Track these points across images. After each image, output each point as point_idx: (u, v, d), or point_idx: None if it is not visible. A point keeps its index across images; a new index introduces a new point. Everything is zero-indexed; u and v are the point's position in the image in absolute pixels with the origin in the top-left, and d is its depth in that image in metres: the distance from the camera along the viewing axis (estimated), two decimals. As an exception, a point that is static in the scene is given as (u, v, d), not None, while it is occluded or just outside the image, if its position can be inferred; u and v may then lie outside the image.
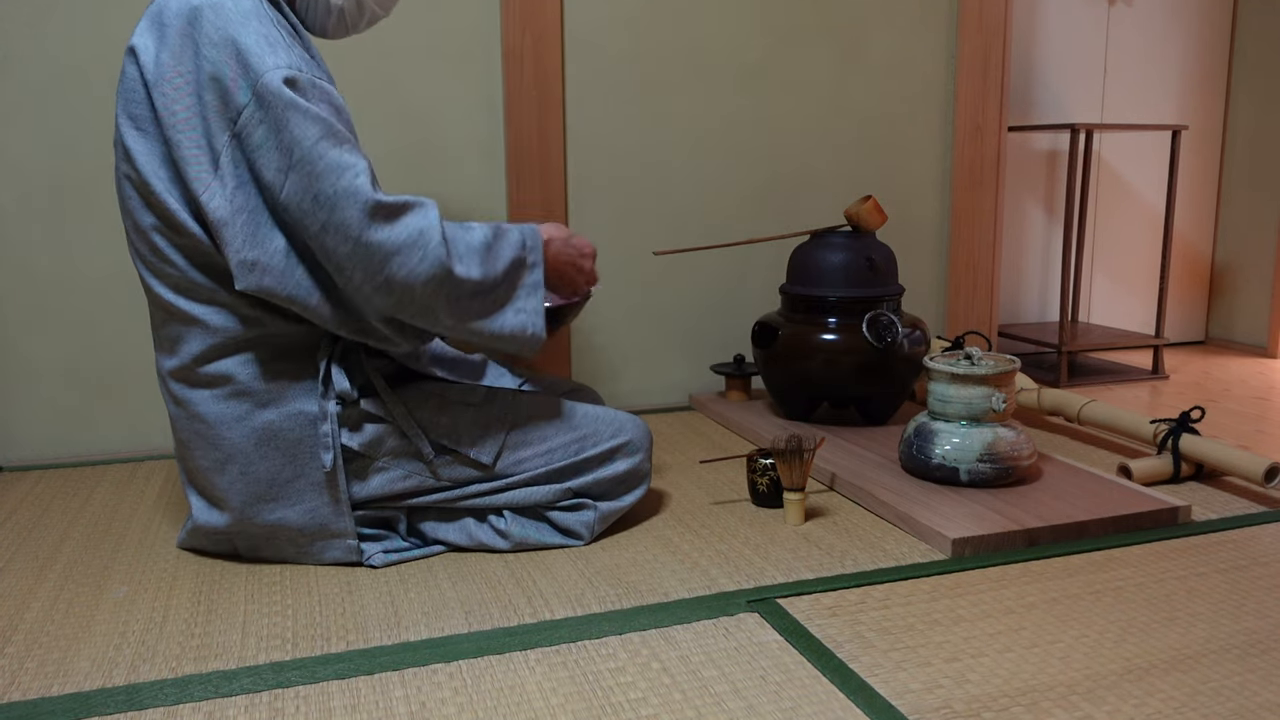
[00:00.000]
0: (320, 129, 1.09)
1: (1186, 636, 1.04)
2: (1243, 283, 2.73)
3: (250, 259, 1.11)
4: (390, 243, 1.10)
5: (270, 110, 1.08)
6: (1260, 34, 2.64)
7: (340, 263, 1.10)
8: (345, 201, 1.08)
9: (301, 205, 1.09)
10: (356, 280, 1.11)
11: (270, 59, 1.09)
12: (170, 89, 1.11)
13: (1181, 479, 1.58)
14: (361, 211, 1.09)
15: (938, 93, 2.21)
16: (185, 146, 1.11)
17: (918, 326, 1.75)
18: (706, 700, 0.92)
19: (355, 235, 1.09)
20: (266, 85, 1.08)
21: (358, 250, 1.09)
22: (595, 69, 1.95)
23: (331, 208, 1.08)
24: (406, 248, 1.11)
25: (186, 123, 1.11)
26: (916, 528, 1.32)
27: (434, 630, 1.06)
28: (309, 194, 1.09)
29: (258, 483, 1.19)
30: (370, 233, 1.09)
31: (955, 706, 0.91)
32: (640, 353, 2.06)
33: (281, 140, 1.09)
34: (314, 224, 1.09)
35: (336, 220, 1.09)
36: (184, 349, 1.19)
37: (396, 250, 1.10)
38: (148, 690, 0.94)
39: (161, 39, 1.12)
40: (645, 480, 1.35)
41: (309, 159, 1.08)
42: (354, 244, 1.09)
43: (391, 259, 1.10)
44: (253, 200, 1.11)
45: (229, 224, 1.10)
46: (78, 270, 1.71)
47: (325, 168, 1.09)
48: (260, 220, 1.11)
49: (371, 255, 1.10)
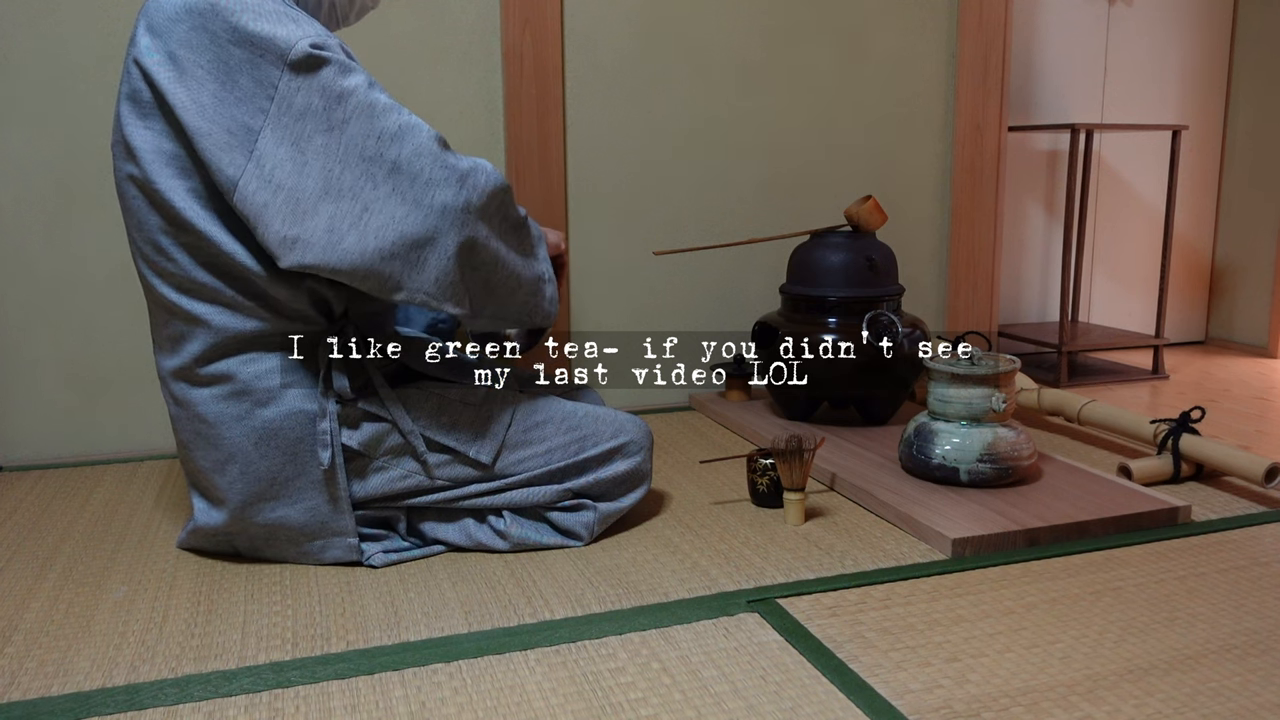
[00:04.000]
0: (365, 77, 1.14)
1: (1186, 636, 1.04)
2: (1243, 283, 2.73)
3: (291, 235, 1.11)
4: (463, 165, 1.17)
5: (310, 77, 1.11)
6: (1260, 34, 2.64)
7: (419, 193, 1.13)
8: (415, 131, 1.14)
9: (366, 151, 1.12)
10: (445, 197, 1.14)
11: (296, 30, 1.12)
12: (193, 81, 1.11)
13: (1181, 479, 1.58)
14: (430, 137, 1.15)
15: (938, 93, 2.21)
16: (215, 135, 1.11)
17: (918, 326, 1.75)
18: (706, 700, 0.92)
19: (433, 159, 1.14)
20: (300, 54, 1.11)
21: (438, 172, 1.14)
22: (595, 68, 1.95)
23: (402, 140, 1.13)
24: (475, 169, 1.17)
25: (215, 109, 1.11)
26: (917, 528, 1.32)
27: (434, 630, 1.06)
28: (373, 135, 1.12)
29: (258, 481, 1.19)
30: (445, 156, 1.15)
31: (955, 706, 0.91)
32: (640, 353, 2.06)
33: (329, 98, 1.11)
34: (382, 166, 1.12)
35: (410, 150, 1.13)
36: (186, 349, 1.19)
37: (470, 170, 1.17)
38: (148, 690, 0.94)
39: (169, 37, 1.12)
40: (645, 481, 1.35)
41: (365, 103, 1.13)
42: (433, 168, 1.14)
43: (468, 177, 1.16)
44: (292, 178, 1.11)
45: (269, 205, 1.10)
46: (78, 270, 1.71)
47: (385, 106, 1.14)
48: (300, 196, 1.11)
49: (450, 175, 1.15)
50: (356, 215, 1.12)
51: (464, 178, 1.15)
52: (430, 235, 1.14)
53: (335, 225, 1.11)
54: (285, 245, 1.11)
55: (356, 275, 1.13)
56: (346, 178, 1.11)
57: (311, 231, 1.11)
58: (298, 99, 1.11)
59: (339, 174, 1.11)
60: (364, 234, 1.12)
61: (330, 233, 1.11)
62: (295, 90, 1.10)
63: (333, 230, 1.11)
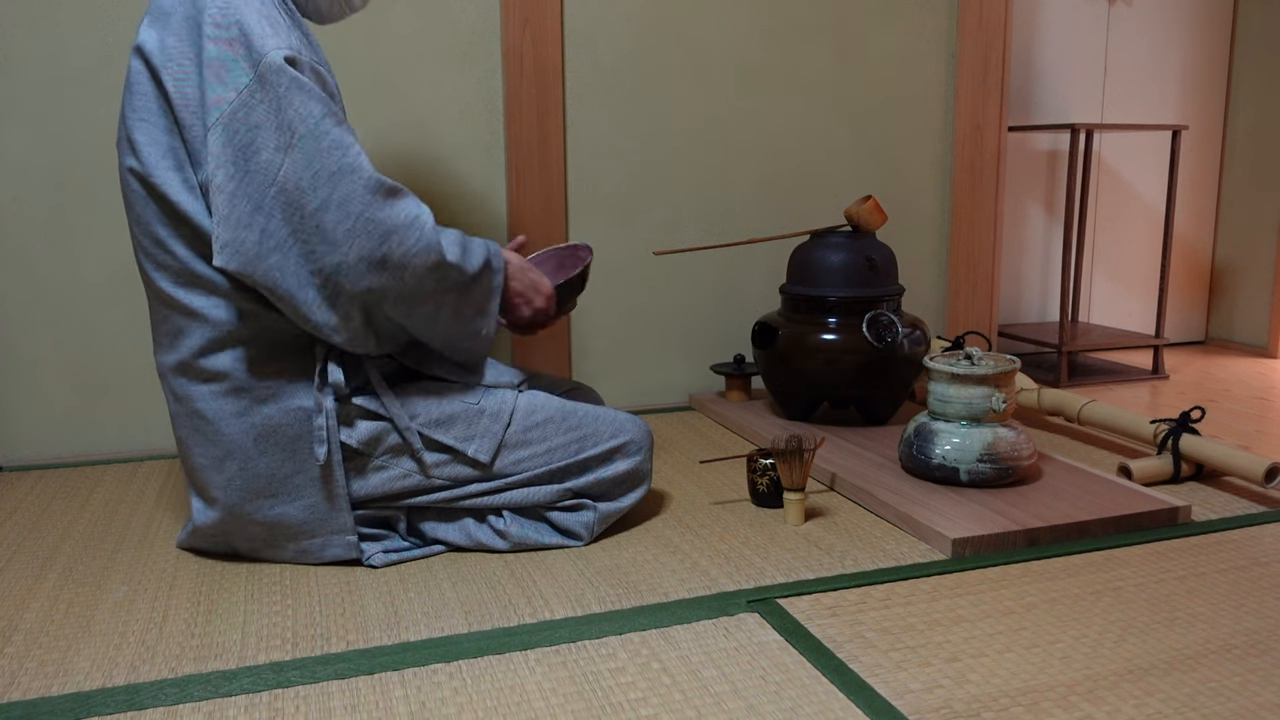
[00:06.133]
0: (323, 107, 1.12)
1: (1186, 636, 1.04)
2: (1243, 283, 2.73)
3: (224, 239, 1.11)
4: (390, 220, 1.12)
5: (272, 89, 1.10)
6: (1260, 34, 2.64)
7: (337, 239, 1.11)
8: (349, 177, 1.11)
9: (300, 183, 1.10)
10: (352, 257, 1.12)
11: (272, 39, 1.11)
12: (180, 72, 1.13)
13: (1181, 479, 1.58)
14: (365, 188, 1.11)
15: (938, 93, 2.21)
16: (196, 129, 1.13)
17: (918, 326, 1.75)
18: (706, 700, 0.92)
19: (358, 210, 1.11)
20: (270, 64, 1.10)
21: (359, 225, 1.11)
22: (595, 68, 1.95)
23: (334, 184, 1.10)
24: (404, 227, 1.13)
25: (197, 103, 1.13)
26: (917, 528, 1.32)
27: (434, 630, 1.06)
28: (309, 170, 1.10)
29: (257, 479, 1.19)
30: (372, 209, 1.12)
31: (955, 706, 0.91)
32: (640, 353, 2.06)
33: (283, 118, 1.10)
34: (313, 201, 1.10)
35: (339, 195, 1.10)
36: (184, 343, 1.19)
37: (395, 229, 1.13)
38: (148, 690, 0.94)
39: (165, 26, 1.15)
40: (645, 481, 1.35)
41: (313, 135, 1.10)
42: (355, 219, 1.11)
43: (390, 236, 1.12)
44: (232, 183, 1.11)
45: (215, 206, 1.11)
46: (78, 270, 1.71)
47: (329, 144, 1.11)
48: (238, 204, 1.11)
49: (372, 231, 1.12)
50: (282, 238, 1.12)
51: (386, 235, 1.12)
52: (341, 283, 1.13)
53: (264, 241, 1.12)
54: (218, 245, 1.11)
55: (274, 295, 1.14)
56: (280, 201, 1.11)
57: (244, 240, 1.11)
58: (257, 109, 1.10)
59: (274, 195, 1.11)
60: (285, 258, 1.12)
61: (259, 246, 1.12)
62: (256, 100, 1.10)
63: (261, 245, 1.12)
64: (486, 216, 1.92)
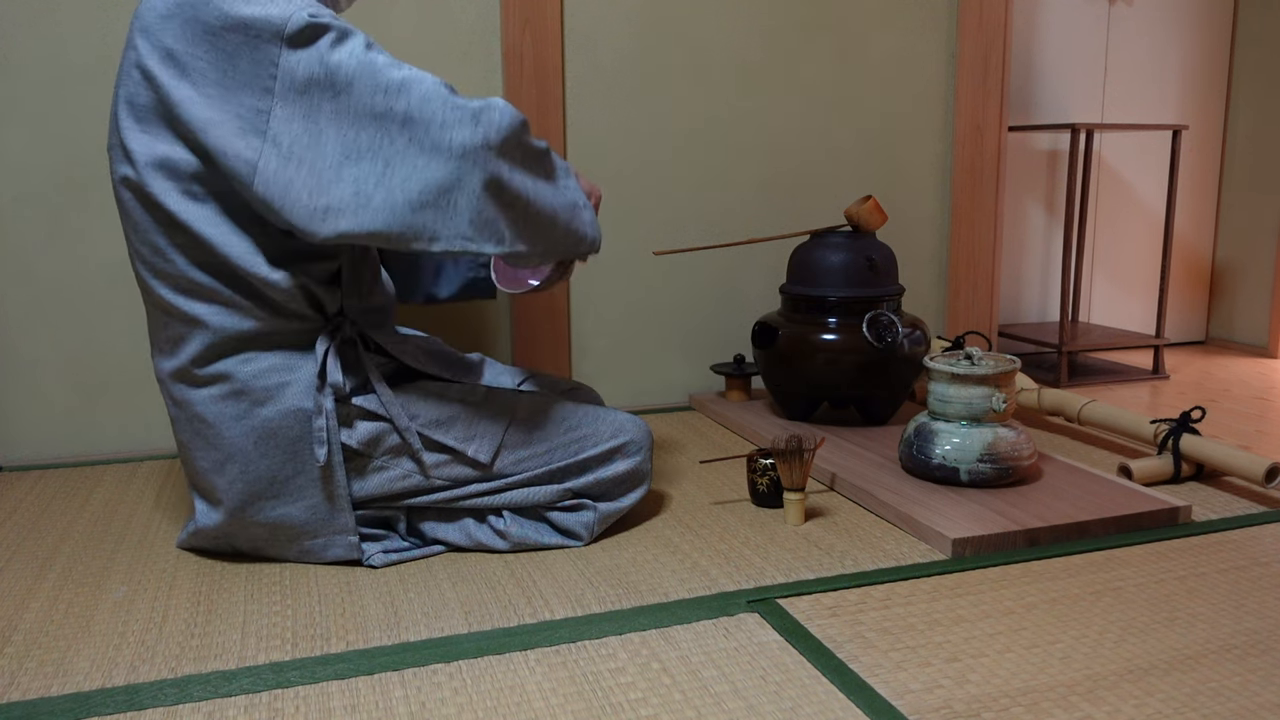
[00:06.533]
0: (363, 39, 1.14)
1: (1186, 636, 1.04)
2: (1243, 283, 2.73)
3: (321, 205, 1.11)
4: (474, 104, 1.15)
5: (308, 48, 1.11)
6: (1260, 34, 2.64)
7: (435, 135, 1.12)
8: (420, 81, 1.13)
9: (375, 108, 1.11)
10: (456, 145, 1.12)
11: (288, 6, 1.11)
12: (196, 74, 1.12)
13: (1182, 479, 1.58)
14: (435, 84, 1.14)
15: (938, 93, 2.21)
16: (226, 124, 1.11)
17: (918, 326, 1.75)
18: (706, 700, 0.92)
19: (442, 103, 1.13)
20: (295, 25, 1.10)
21: (450, 114, 1.13)
22: (595, 68, 1.95)
23: (408, 91, 1.12)
24: (487, 106, 1.15)
25: (222, 99, 1.11)
26: (917, 528, 1.32)
27: (434, 630, 1.06)
28: (379, 91, 1.11)
29: (258, 481, 1.19)
30: (452, 99, 1.14)
31: (955, 706, 0.91)
32: (640, 353, 2.06)
33: (329, 66, 1.11)
34: (394, 121, 1.11)
35: (418, 98, 1.12)
36: (184, 350, 1.19)
37: (482, 108, 1.14)
38: (147, 690, 0.94)
39: (164, 36, 1.12)
40: (645, 481, 1.35)
41: (366, 63, 1.12)
42: (444, 111, 1.12)
43: (481, 114, 1.14)
44: (310, 150, 1.11)
45: (292, 181, 1.11)
46: (78, 270, 1.71)
47: (385, 63, 1.13)
48: (321, 167, 1.11)
49: (463, 116, 1.13)
50: (380, 173, 1.12)
51: (477, 116, 1.14)
52: (455, 178, 1.13)
53: (361, 188, 1.11)
54: (316, 216, 1.11)
55: (393, 234, 1.12)
56: (363, 138, 1.11)
57: (339, 198, 1.11)
58: (300, 71, 1.11)
59: (354, 136, 1.11)
60: (390, 190, 1.12)
61: (357, 195, 1.11)
62: (296, 64, 1.10)
63: (359, 193, 1.11)
64: (486, 216, 1.92)
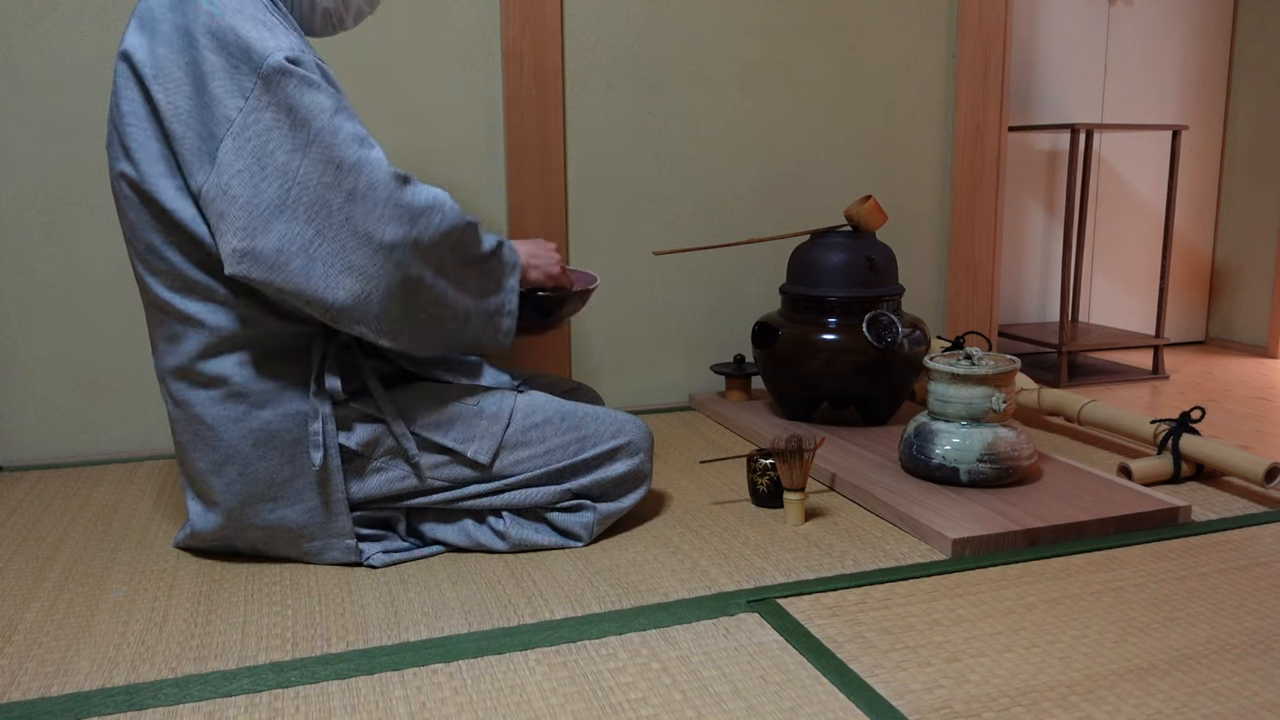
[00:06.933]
0: (333, 101, 1.12)
1: (1186, 636, 1.04)
2: (1243, 283, 2.73)
3: (242, 248, 1.10)
4: (417, 202, 1.14)
5: (279, 91, 1.09)
6: (1260, 34, 2.64)
7: (369, 228, 1.12)
8: (372, 167, 1.12)
9: (324, 177, 1.10)
10: (387, 243, 1.12)
11: (272, 42, 1.10)
12: (170, 82, 1.11)
13: (1182, 479, 1.58)
14: (388, 175, 1.13)
15: (938, 93, 2.21)
16: (188, 139, 1.11)
17: (918, 326, 1.75)
18: (706, 700, 0.92)
19: (385, 196, 1.12)
20: (273, 67, 1.09)
21: (389, 211, 1.12)
22: (595, 68, 1.95)
23: (358, 172, 1.11)
24: (430, 208, 1.15)
25: (190, 114, 1.11)
26: (916, 528, 1.32)
27: (434, 630, 1.06)
28: (331, 164, 1.10)
29: (256, 483, 1.19)
30: (400, 194, 1.13)
31: (955, 706, 0.91)
32: (640, 353, 2.06)
33: (295, 118, 1.10)
34: (339, 194, 1.11)
35: (365, 183, 1.11)
36: (181, 348, 1.19)
37: (423, 210, 1.15)
38: (148, 690, 0.94)
39: (154, 34, 1.12)
40: (645, 481, 1.35)
41: (329, 129, 1.11)
42: (384, 205, 1.12)
43: (420, 217, 1.14)
44: (247, 191, 1.10)
45: (225, 215, 1.10)
46: (78, 270, 1.71)
47: (347, 137, 1.12)
48: (254, 211, 1.10)
49: (402, 215, 1.13)
50: (308, 239, 1.11)
51: (415, 217, 1.14)
52: (374, 271, 1.13)
53: (285, 246, 1.10)
54: (235, 257, 1.10)
55: (300, 298, 1.12)
56: (302, 201, 1.10)
57: (262, 248, 1.10)
58: (265, 114, 1.09)
59: (295, 196, 1.10)
60: (310, 260, 1.11)
61: (279, 252, 1.10)
62: (264, 105, 1.09)
63: (281, 251, 1.10)
64: (487, 217, 1.92)
